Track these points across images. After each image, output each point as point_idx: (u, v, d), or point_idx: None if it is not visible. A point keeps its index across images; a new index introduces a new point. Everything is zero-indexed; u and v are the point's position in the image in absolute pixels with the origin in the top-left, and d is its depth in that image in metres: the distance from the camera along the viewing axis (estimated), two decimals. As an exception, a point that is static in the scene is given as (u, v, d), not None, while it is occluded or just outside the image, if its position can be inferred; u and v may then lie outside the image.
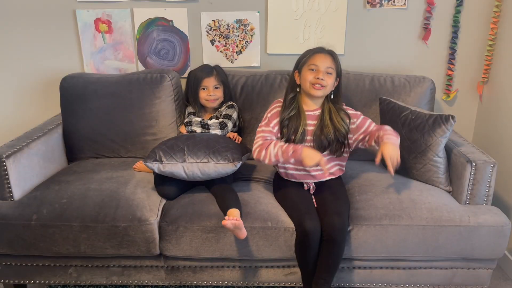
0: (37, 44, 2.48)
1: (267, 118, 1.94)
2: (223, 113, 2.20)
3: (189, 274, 1.94)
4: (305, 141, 1.90)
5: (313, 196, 1.93)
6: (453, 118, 1.90)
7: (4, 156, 1.86)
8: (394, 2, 2.37)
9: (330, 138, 1.88)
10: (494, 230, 1.80)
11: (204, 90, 2.20)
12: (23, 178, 1.96)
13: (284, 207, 1.88)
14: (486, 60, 2.40)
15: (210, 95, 2.19)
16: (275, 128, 1.91)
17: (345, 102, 2.01)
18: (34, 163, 2.03)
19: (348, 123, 1.91)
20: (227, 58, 2.50)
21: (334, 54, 1.90)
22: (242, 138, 2.23)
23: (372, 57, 2.48)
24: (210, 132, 2.12)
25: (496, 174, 1.88)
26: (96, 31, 2.47)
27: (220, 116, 2.20)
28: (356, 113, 1.97)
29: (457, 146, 2.01)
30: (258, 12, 2.42)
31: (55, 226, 1.82)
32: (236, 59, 2.51)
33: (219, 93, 2.22)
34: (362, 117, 1.95)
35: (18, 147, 1.95)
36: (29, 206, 1.86)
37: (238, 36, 2.46)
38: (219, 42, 2.48)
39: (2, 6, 2.42)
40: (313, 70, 1.86)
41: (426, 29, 2.41)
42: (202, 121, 2.16)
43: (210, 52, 2.49)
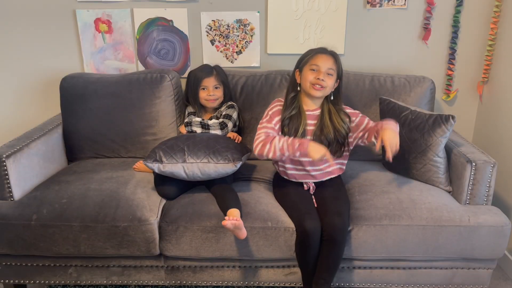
0: (37, 44, 2.48)
1: (269, 115, 1.93)
2: (223, 113, 2.20)
3: (189, 274, 1.94)
4: (305, 141, 1.90)
5: (313, 196, 1.93)
6: (453, 118, 1.90)
7: (4, 156, 1.86)
8: (394, 2, 2.37)
9: (330, 139, 1.89)
10: (494, 230, 1.80)
11: (204, 90, 2.20)
12: (23, 178, 1.96)
13: (284, 207, 1.88)
14: (486, 60, 2.40)
15: (210, 95, 2.19)
16: (277, 125, 1.91)
17: (345, 102, 2.01)
18: (34, 163, 2.03)
19: (348, 123, 1.92)
20: (227, 58, 2.50)
21: (336, 56, 1.90)
22: (242, 138, 2.23)
23: (372, 57, 2.48)
24: (210, 132, 2.12)
25: (496, 174, 1.88)
26: (96, 31, 2.47)
27: (220, 116, 2.20)
28: (354, 111, 1.98)
29: (457, 146, 2.01)
30: (258, 12, 2.42)
31: (55, 226, 1.82)
32: (236, 59, 2.51)
33: (219, 93, 2.22)
34: (360, 115, 1.96)
35: (18, 147, 1.95)
36: (29, 206, 1.86)
37: (238, 36, 2.46)
38: (219, 42, 2.47)
39: (2, 6, 2.42)
40: (314, 70, 1.86)
41: (426, 29, 2.41)
42: (202, 121, 2.16)
43: (210, 52, 2.49)
